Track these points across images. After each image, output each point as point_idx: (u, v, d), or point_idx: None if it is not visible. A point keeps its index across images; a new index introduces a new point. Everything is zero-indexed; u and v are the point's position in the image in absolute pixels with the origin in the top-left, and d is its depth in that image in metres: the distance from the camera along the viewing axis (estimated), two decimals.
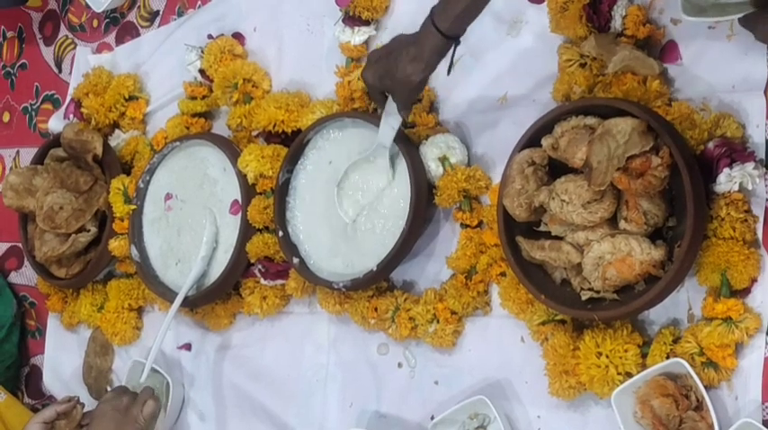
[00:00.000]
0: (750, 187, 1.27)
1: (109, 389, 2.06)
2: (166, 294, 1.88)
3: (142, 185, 1.97)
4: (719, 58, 1.35)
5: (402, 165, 1.57)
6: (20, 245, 2.23)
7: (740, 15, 1.21)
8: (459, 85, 1.62)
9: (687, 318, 1.34)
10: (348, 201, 1.64)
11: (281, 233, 1.70)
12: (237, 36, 1.97)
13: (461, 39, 1.37)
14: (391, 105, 1.49)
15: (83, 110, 2.13)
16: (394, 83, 1.41)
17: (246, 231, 1.77)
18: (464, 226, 1.56)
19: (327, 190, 1.67)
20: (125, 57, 2.21)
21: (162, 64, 2.12)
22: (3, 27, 2.56)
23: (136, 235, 1.96)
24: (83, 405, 1.78)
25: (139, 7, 2.21)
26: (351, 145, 1.66)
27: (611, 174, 1.27)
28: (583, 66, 1.43)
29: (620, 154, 1.27)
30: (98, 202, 2.01)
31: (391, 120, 1.52)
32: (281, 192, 1.72)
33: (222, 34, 1.97)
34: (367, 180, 1.63)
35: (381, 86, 1.45)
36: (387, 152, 1.58)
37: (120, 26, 2.26)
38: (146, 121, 2.12)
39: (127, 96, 2.10)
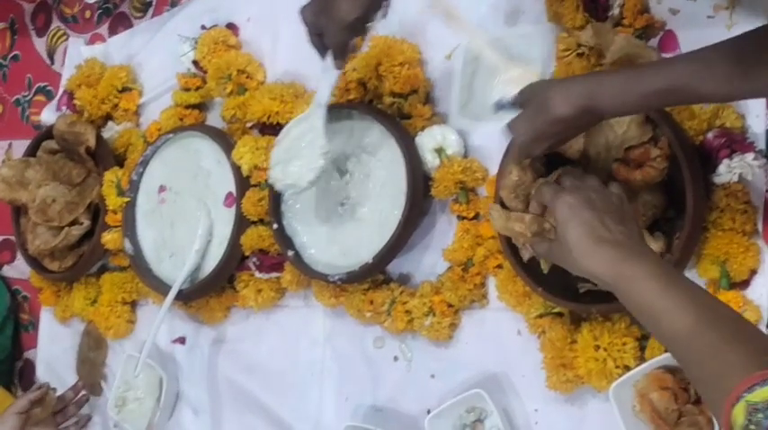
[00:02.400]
0: (750, 178, 1.25)
1: (102, 383, 2.06)
2: (160, 287, 1.87)
3: (135, 178, 1.95)
4: None
5: (397, 155, 1.56)
6: (12, 238, 2.22)
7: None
8: (455, 75, 1.60)
9: None
10: (280, 166, 1.58)
11: (275, 225, 1.68)
12: (231, 26, 1.95)
13: None
14: (329, 59, 1.43)
15: (75, 101, 2.11)
16: (328, 21, 1.37)
17: (241, 224, 1.76)
18: (461, 218, 1.55)
19: (323, 181, 1.66)
20: (118, 48, 2.19)
21: (155, 55, 2.10)
22: None
23: (129, 228, 1.95)
24: (54, 390, 1.78)
25: None
26: (345, 136, 1.64)
27: (609, 165, 1.26)
28: (580, 55, 1.41)
29: (618, 145, 1.26)
30: (91, 195, 2.00)
31: (329, 75, 1.46)
32: None
33: (216, 25, 1.95)
34: (303, 144, 1.56)
35: (317, 25, 1.39)
36: (323, 112, 1.52)
37: (112, 17, 2.25)
38: (139, 113, 2.11)
39: (120, 88, 2.09)
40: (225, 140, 1.82)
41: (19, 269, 2.33)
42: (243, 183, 1.76)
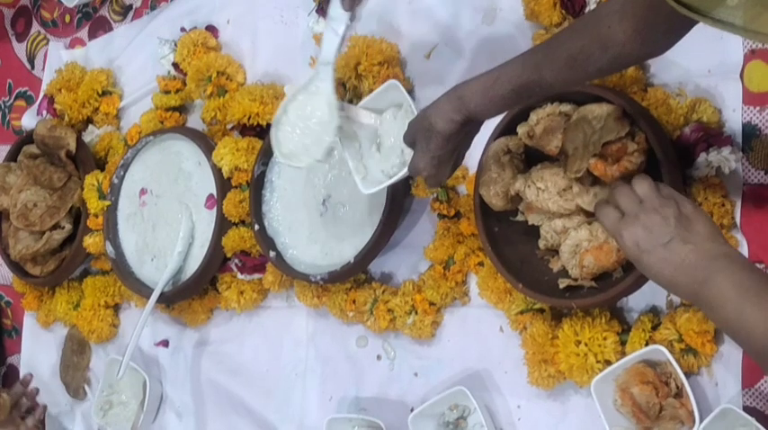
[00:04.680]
0: (727, 171, 1.26)
1: (86, 387, 2.05)
2: (143, 290, 1.86)
3: (116, 181, 1.95)
4: (695, 42, 1.31)
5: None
6: None
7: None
8: (434, 73, 1.60)
9: (666, 304, 1.33)
10: (286, 138, 1.39)
11: (257, 226, 1.68)
12: (211, 29, 1.95)
13: None
14: (336, 5, 1.32)
15: (56, 106, 2.11)
16: None
17: (222, 225, 1.75)
18: (441, 216, 1.55)
19: (303, 180, 1.66)
20: (98, 52, 2.20)
21: (135, 58, 2.10)
22: None
23: (111, 231, 1.94)
24: (7, 390, 1.77)
25: (112, 1, 2.20)
26: None
27: (586, 160, 1.26)
28: None
29: (595, 140, 1.26)
30: (72, 199, 2.00)
31: (335, 23, 1.33)
32: (257, 185, 1.70)
33: (195, 27, 1.95)
34: (310, 112, 1.38)
35: None
36: (330, 71, 1.36)
37: (92, 21, 2.25)
38: (119, 117, 2.11)
39: (100, 91, 2.09)
40: (205, 142, 1.82)
41: (1, 274, 2.32)
42: (224, 184, 1.76)
